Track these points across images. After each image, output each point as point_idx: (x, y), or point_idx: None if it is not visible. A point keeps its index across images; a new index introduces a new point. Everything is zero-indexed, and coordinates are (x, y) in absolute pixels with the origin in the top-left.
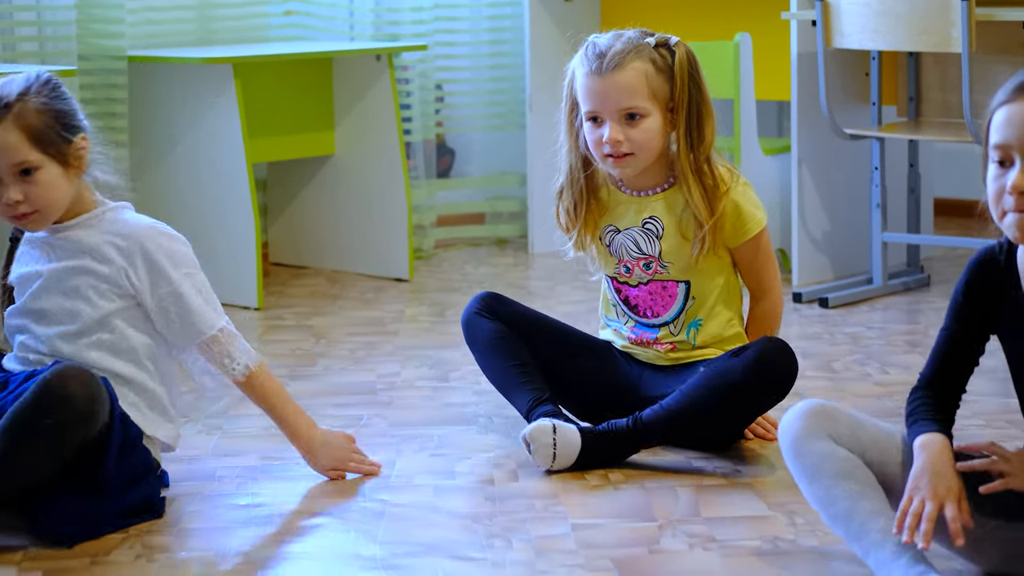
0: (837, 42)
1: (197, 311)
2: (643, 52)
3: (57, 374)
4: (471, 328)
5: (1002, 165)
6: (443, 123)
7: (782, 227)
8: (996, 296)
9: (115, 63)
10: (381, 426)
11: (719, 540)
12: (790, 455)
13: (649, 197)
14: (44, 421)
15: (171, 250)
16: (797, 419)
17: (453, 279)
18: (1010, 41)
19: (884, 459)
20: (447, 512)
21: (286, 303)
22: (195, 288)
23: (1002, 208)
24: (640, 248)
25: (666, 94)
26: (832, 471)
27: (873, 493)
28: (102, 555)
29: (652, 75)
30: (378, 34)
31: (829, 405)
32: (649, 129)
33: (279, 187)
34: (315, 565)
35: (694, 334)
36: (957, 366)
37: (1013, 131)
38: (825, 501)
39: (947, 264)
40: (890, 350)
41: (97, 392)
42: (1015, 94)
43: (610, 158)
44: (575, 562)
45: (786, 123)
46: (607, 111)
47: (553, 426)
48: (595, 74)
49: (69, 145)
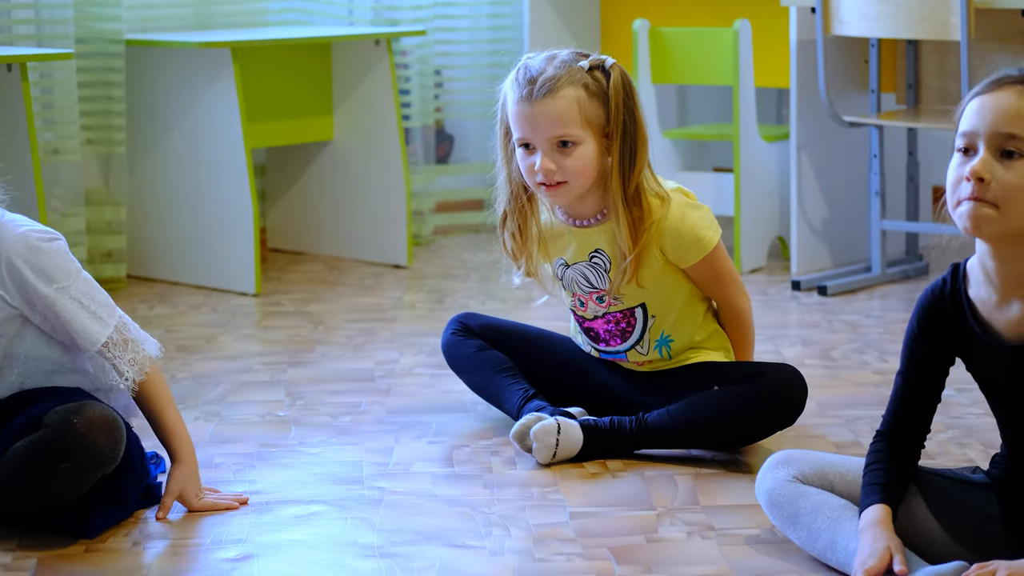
0: (836, 29)
1: (78, 329)
2: (575, 77)
3: (84, 418)
4: (451, 350)
5: (965, 153)
6: (442, 109)
7: (781, 215)
8: (948, 330)
9: (113, 47)
10: (379, 413)
11: (717, 528)
12: (768, 509)
13: (590, 228)
14: (61, 465)
15: (39, 266)
16: (765, 474)
17: (452, 266)
18: (1009, 29)
19: (851, 492)
20: (445, 500)
21: (284, 289)
22: (73, 300)
23: (958, 196)
24: (591, 283)
25: (601, 119)
26: (807, 510)
27: (850, 514)
28: (97, 542)
29: (584, 101)
30: (377, 19)
31: (793, 452)
32: (582, 157)
33: (277, 172)
34: (312, 553)
35: (667, 351)
36: (917, 410)
37: (981, 120)
38: (809, 541)
39: (945, 252)
40: (888, 338)
41: (119, 435)
42: (988, 87)
43: (543, 186)
44: (573, 550)
45: (785, 110)
46: (538, 139)
47: (558, 426)
48: (525, 100)
49: None
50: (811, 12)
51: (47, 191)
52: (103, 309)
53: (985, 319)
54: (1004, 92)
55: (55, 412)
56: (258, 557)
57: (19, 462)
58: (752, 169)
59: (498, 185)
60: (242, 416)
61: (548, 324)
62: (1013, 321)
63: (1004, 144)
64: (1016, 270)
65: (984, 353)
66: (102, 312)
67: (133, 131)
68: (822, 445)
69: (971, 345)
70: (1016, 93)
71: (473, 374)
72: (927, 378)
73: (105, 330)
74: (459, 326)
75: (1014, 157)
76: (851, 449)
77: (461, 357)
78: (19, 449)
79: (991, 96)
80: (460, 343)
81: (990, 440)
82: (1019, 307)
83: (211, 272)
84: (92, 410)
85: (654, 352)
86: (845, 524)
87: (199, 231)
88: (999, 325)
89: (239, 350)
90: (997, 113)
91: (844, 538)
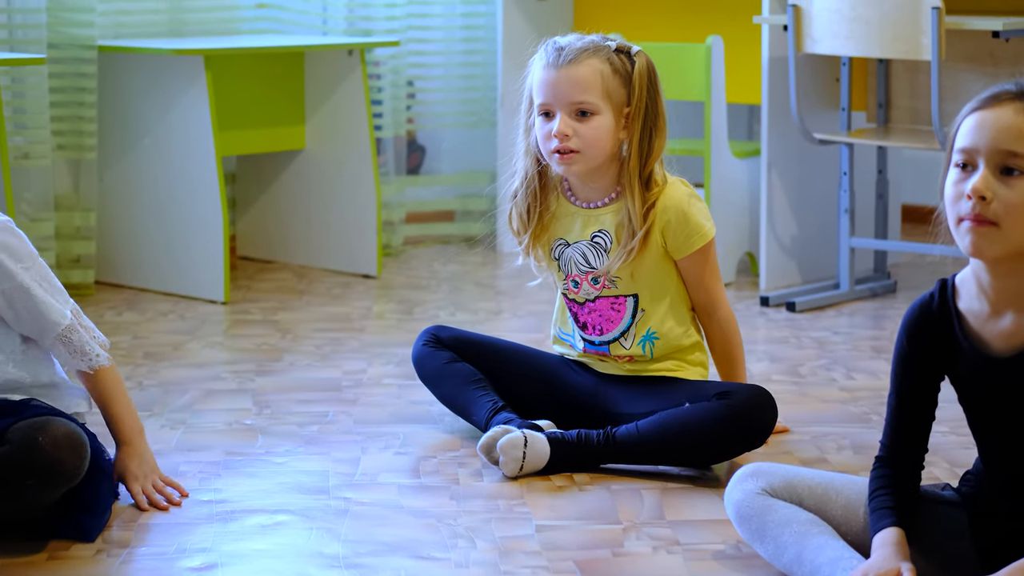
0: (808, 47)
1: (44, 303)
2: (602, 52)
3: (49, 436)
4: (421, 362)
5: (964, 169)
6: (414, 120)
7: (751, 231)
8: (936, 345)
9: (85, 52)
10: (346, 423)
11: (683, 543)
12: (736, 522)
13: (598, 210)
14: (27, 482)
15: (5, 244)
16: (734, 486)
17: (421, 276)
18: (979, 50)
19: (821, 506)
20: (411, 511)
21: (253, 297)
22: (37, 280)
23: (958, 214)
24: (588, 262)
25: (621, 98)
26: (774, 522)
27: (817, 529)
28: (61, 550)
29: (608, 75)
30: (351, 29)
31: (763, 465)
32: (599, 127)
33: (248, 181)
34: (277, 563)
35: (650, 348)
36: (913, 430)
37: (980, 136)
38: (775, 554)
39: (914, 270)
40: (856, 355)
41: (84, 452)
42: (988, 102)
43: (557, 154)
44: (538, 563)
45: (756, 127)
46: (559, 103)
47: (524, 439)
48: (551, 67)
49: None
50: (783, 30)
51: (16, 195)
52: (59, 294)
53: (976, 331)
54: (1003, 108)
55: (18, 428)
56: (222, 566)
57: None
58: (722, 185)
59: (515, 160)
60: (208, 424)
61: (519, 336)
62: (1005, 333)
63: (1005, 161)
64: (1012, 284)
65: (972, 366)
66: (59, 296)
67: (104, 137)
68: (789, 461)
69: (959, 358)
70: (1015, 110)
71: (442, 386)
72: (920, 395)
73: (66, 307)
74: (430, 338)
75: (1014, 175)
76: (818, 465)
77: (431, 369)
78: None
79: (990, 112)
80: (431, 355)
81: (955, 459)
82: (1012, 319)
83: (180, 279)
84: (57, 428)
85: (637, 347)
86: (812, 539)
87: (169, 238)
88: (990, 337)
89: (207, 358)
90: (997, 130)
91: (811, 552)
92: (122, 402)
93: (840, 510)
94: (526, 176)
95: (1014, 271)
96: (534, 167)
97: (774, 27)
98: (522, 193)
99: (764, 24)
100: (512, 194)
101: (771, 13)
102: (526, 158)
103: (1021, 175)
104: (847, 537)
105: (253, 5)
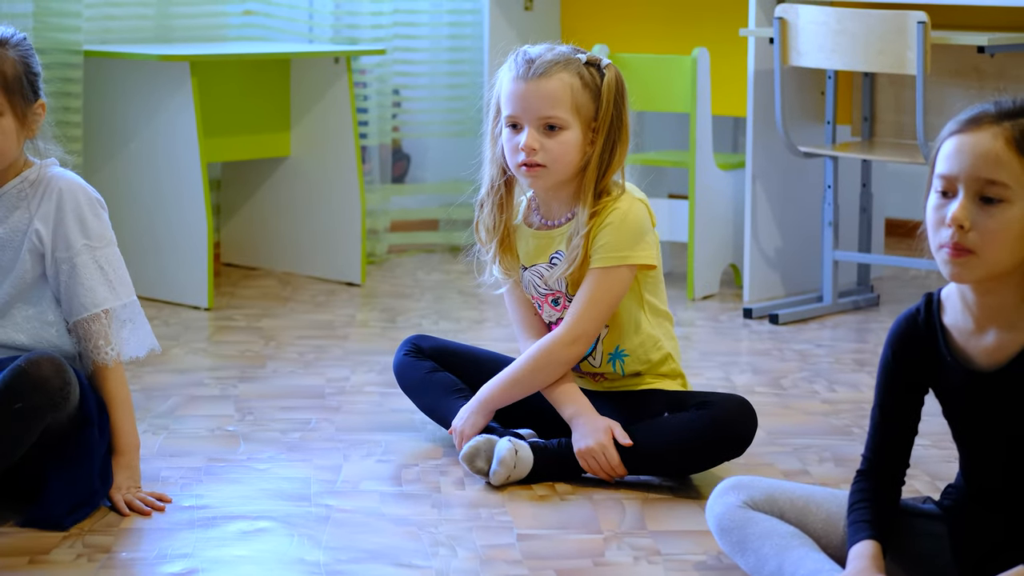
0: (794, 60)
1: (87, 288)
2: (572, 65)
3: (32, 362)
4: (402, 371)
5: (945, 195)
6: (399, 128)
7: (735, 243)
8: (922, 359)
9: (71, 57)
10: (329, 431)
11: (664, 554)
12: (717, 534)
13: (553, 230)
14: (15, 405)
15: (83, 219)
16: (716, 499)
17: (405, 285)
18: (964, 65)
19: (802, 519)
20: (392, 519)
21: (237, 304)
22: (95, 262)
23: (939, 241)
24: (548, 284)
25: (590, 112)
26: (755, 535)
27: (797, 542)
28: (41, 554)
29: (578, 89)
30: (337, 37)
31: (744, 478)
32: (567, 142)
33: (233, 187)
34: (258, 569)
35: (620, 365)
36: (895, 444)
37: (959, 163)
38: (756, 566)
39: (897, 284)
40: (838, 368)
41: (69, 376)
42: (966, 125)
43: (523, 167)
44: (519, 572)
45: (741, 139)
46: (527, 117)
47: (515, 449)
48: (521, 79)
49: (30, 105)
50: (769, 43)
51: None
52: (121, 284)
53: (960, 346)
54: (983, 133)
55: (7, 363)
56: (203, 572)
57: None
58: (707, 197)
59: (482, 171)
60: (191, 430)
61: (501, 345)
62: (989, 348)
63: (984, 190)
64: (994, 301)
65: (956, 380)
66: (119, 285)
67: (90, 142)
68: (771, 473)
69: (943, 372)
70: (993, 135)
71: (424, 395)
72: (903, 409)
73: (113, 300)
74: (411, 347)
75: (994, 203)
76: (799, 478)
77: (412, 378)
78: None
79: (969, 137)
80: (412, 364)
81: (936, 472)
82: (995, 335)
83: (164, 285)
84: (40, 356)
85: (607, 365)
86: (793, 551)
87: (153, 244)
88: (974, 352)
89: (190, 364)
90: (975, 156)
91: (791, 565)
92: (123, 410)
93: (821, 523)
94: (492, 185)
95: (995, 289)
96: (500, 176)
97: (760, 40)
98: (488, 202)
99: (750, 37)
100: (479, 203)
101: (757, 26)
102: (492, 167)
103: (1000, 202)
104: (828, 550)
105: (240, 12)
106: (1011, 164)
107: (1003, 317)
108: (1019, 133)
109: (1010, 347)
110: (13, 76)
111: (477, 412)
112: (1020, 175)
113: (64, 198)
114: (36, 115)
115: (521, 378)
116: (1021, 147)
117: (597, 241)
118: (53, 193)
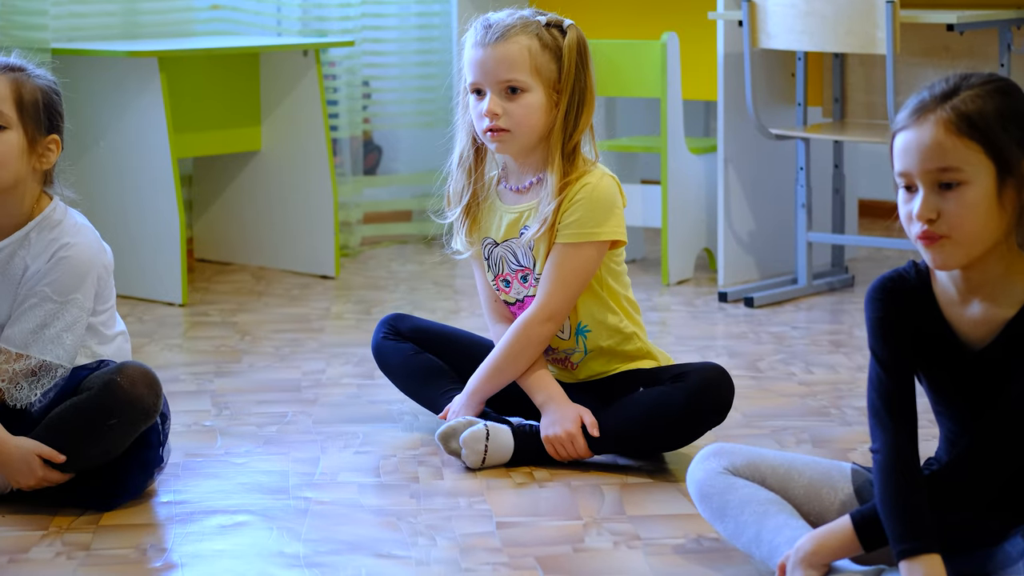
0: (763, 42)
1: (21, 327)
2: (530, 27)
3: (126, 376)
4: (382, 354)
5: (908, 190)
6: (370, 120)
7: (708, 227)
8: (913, 311)
9: (38, 55)
10: (306, 423)
11: (644, 538)
12: (697, 500)
13: (523, 205)
14: (109, 422)
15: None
16: (697, 465)
17: (379, 276)
18: (934, 44)
19: (783, 486)
20: (371, 510)
21: (211, 299)
22: (50, 315)
23: (913, 233)
24: (518, 260)
25: (552, 74)
26: (735, 502)
27: (776, 508)
28: (20, 552)
29: (537, 51)
30: (305, 30)
31: (725, 444)
32: (529, 105)
33: (204, 182)
34: (238, 563)
35: (583, 341)
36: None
37: (909, 160)
38: (735, 533)
39: (871, 264)
40: (814, 350)
41: (159, 388)
42: (909, 120)
43: (489, 132)
44: (499, 560)
45: (713, 123)
46: (488, 82)
47: (487, 431)
48: (479, 45)
49: (43, 137)
50: (738, 25)
51: None
52: (61, 349)
53: (947, 315)
54: (925, 125)
55: (96, 376)
56: (183, 567)
57: (71, 429)
58: (679, 181)
59: (455, 139)
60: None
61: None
62: (975, 319)
63: (939, 178)
64: (976, 274)
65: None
66: (57, 349)
67: None
68: None
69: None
70: (934, 123)
71: (408, 380)
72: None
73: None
74: (389, 329)
75: (952, 187)
76: None
77: (393, 362)
78: (65, 413)
79: (914, 132)
80: (392, 347)
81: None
82: (979, 307)
83: (138, 282)
84: (132, 368)
85: (575, 339)
86: (771, 518)
87: (126, 241)
88: (960, 322)
89: (165, 360)
90: (922, 151)
91: (769, 532)
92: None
93: (802, 490)
94: (462, 153)
95: (979, 264)
96: (470, 144)
97: (729, 23)
98: (457, 168)
99: (719, 20)
100: (447, 169)
101: (726, 9)
102: (463, 134)
103: (959, 185)
104: (808, 517)
105: (207, 6)
106: (956, 147)
107: (986, 289)
108: (956, 115)
109: (994, 321)
110: (30, 100)
111: (467, 406)
112: (967, 154)
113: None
114: (49, 149)
115: (503, 365)
116: (961, 128)
117: (567, 217)
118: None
